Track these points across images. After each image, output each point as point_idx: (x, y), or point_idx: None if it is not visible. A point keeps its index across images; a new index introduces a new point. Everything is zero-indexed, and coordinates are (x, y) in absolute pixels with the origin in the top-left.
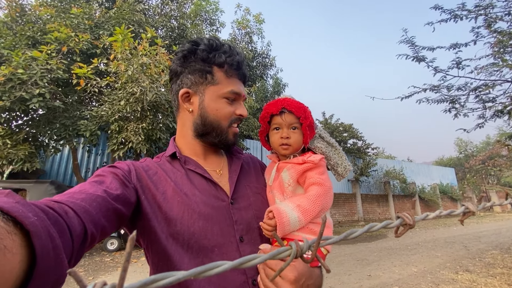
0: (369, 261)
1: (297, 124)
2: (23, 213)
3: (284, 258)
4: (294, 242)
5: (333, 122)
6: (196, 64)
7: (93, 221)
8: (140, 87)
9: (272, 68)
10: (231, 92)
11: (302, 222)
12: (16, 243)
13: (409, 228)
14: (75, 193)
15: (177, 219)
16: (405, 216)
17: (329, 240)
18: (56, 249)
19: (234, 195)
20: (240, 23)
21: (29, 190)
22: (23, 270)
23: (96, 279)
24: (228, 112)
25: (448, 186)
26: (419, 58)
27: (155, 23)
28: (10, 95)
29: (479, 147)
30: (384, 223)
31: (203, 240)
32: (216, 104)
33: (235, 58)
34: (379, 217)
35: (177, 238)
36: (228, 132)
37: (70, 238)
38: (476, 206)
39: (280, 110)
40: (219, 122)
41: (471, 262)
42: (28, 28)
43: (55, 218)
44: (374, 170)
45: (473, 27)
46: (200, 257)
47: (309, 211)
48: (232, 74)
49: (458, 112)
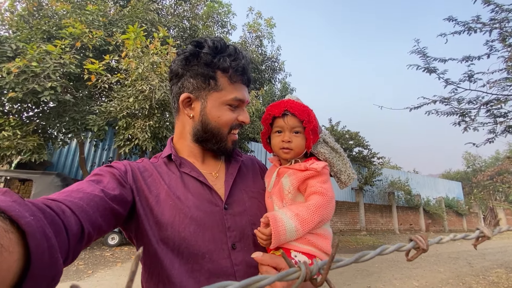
0: (369, 272)
1: (300, 128)
2: (20, 213)
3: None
4: (303, 263)
5: (340, 129)
6: (198, 68)
7: (90, 220)
8: (149, 85)
9: (281, 72)
10: (234, 99)
11: (300, 233)
12: (13, 242)
13: (422, 252)
14: (73, 192)
15: (168, 224)
16: (419, 239)
17: (341, 262)
18: (51, 248)
19: (228, 199)
20: (251, 26)
21: (35, 181)
22: (20, 268)
23: (96, 273)
24: (230, 119)
25: (454, 200)
26: (430, 69)
27: (168, 23)
28: (23, 87)
29: (488, 162)
30: (397, 246)
31: (193, 246)
32: (219, 112)
33: (240, 62)
34: (381, 228)
35: (167, 243)
36: (227, 140)
37: (67, 237)
38: (491, 231)
39: (283, 112)
40: (219, 129)
41: (474, 279)
42: (44, 22)
43: (52, 217)
44: (378, 179)
45: (487, 40)
46: (191, 263)
47: (308, 221)
48: (237, 80)
49: (468, 125)
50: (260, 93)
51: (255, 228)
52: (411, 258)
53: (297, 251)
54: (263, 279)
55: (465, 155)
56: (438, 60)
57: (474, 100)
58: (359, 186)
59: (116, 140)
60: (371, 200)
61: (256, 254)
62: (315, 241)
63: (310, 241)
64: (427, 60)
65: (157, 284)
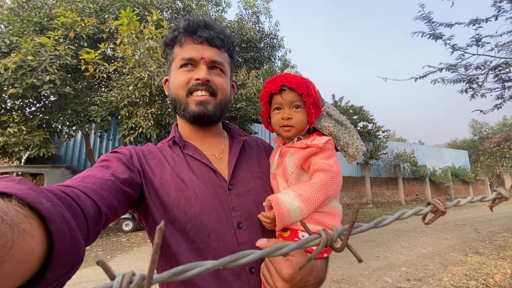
0: (377, 243)
1: (300, 102)
2: (37, 199)
3: (313, 246)
4: (323, 230)
5: (343, 105)
6: (165, 53)
7: (106, 202)
8: (147, 72)
9: (280, 49)
10: (181, 59)
11: (304, 213)
12: (35, 226)
13: (441, 215)
14: (85, 178)
15: (174, 204)
16: (437, 202)
17: (360, 228)
18: (72, 231)
19: (232, 180)
20: (247, 2)
21: (46, 175)
22: (44, 251)
23: (114, 258)
24: (182, 80)
25: (460, 169)
26: (436, 35)
27: (160, 5)
28: (22, 82)
29: (494, 129)
30: (415, 210)
31: (199, 225)
32: (173, 77)
33: (185, 24)
34: (388, 200)
35: (174, 223)
36: (188, 102)
37: (85, 219)
38: (509, 192)
39: (280, 88)
40: (176, 93)
41: (481, 244)
42: (34, 14)
43: (68, 202)
44: (384, 153)
45: (494, 1)
46: (197, 242)
47: (312, 200)
48: (185, 42)
49: (476, 92)
50: (260, 73)
51: (261, 207)
52: (429, 222)
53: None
54: (284, 247)
55: (472, 123)
56: (444, 25)
57: (482, 66)
58: (364, 160)
59: (120, 130)
60: (377, 173)
61: (260, 242)
62: (322, 219)
63: (317, 219)
64: (432, 26)
65: (164, 264)
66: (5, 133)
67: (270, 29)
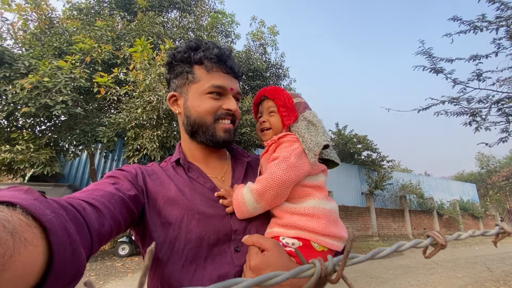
0: (383, 279)
1: (274, 108)
2: (41, 210)
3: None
4: (318, 260)
5: (347, 133)
6: (177, 67)
7: (112, 216)
8: (156, 96)
9: (286, 78)
10: (212, 86)
11: (262, 205)
12: (37, 236)
13: (441, 248)
14: (94, 191)
15: (176, 224)
16: (436, 235)
17: (356, 259)
18: (73, 244)
19: None
20: (255, 35)
21: (48, 193)
22: (45, 262)
23: (107, 284)
24: (210, 107)
25: (469, 202)
26: (437, 69)
27: (173, 35)
28: (35, 101)
29: (502, 162)
30: (413, 242)
31: (198, 248)
32: (198, 101)
33: (213, 51)
34: (394, 233)
35: (174, 243)
36: (215, 128)
37: (88, 232)
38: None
39: (260, 99)
40: (202, 118)
41: (495, 285)
42: (55, 39)
43: (73, 214)
44: (389, 183)
45: (494, 38)
46: (194, 265)
47: (263, 192)
48: (214, 68)
49: (480, 125)
50: None
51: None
52: (429, 255)
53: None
54: (276, 276)
55: (478, 155)
56: (445, 60)
57: (484, 99)
58: (369, 190)
59: (125, 151)
60: (383, 204)
61: (245, 238)
62: (301, 223)
63: (294, 224)
64: (433, 61)
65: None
66: (13, 150)
67: (276, 60)
